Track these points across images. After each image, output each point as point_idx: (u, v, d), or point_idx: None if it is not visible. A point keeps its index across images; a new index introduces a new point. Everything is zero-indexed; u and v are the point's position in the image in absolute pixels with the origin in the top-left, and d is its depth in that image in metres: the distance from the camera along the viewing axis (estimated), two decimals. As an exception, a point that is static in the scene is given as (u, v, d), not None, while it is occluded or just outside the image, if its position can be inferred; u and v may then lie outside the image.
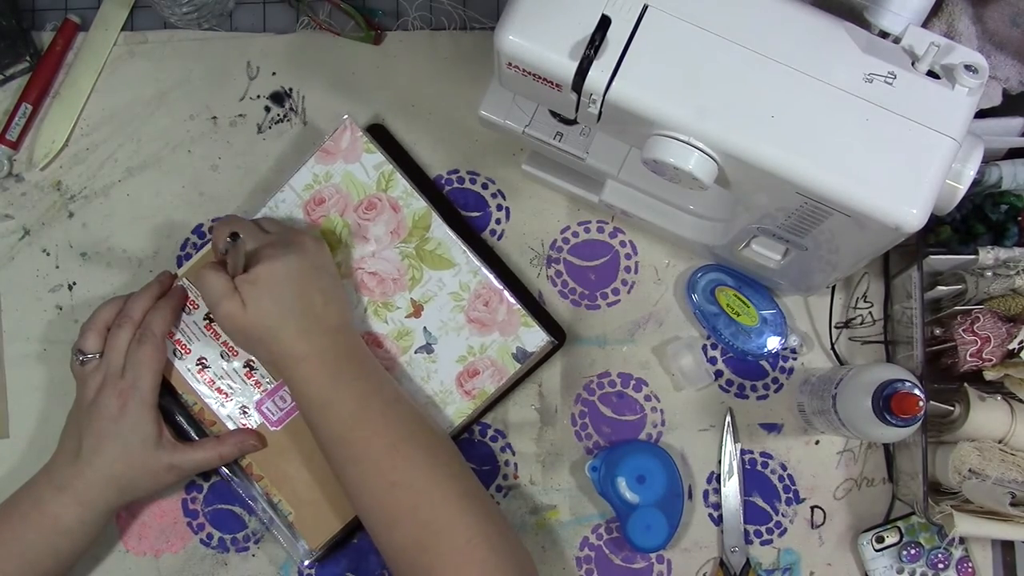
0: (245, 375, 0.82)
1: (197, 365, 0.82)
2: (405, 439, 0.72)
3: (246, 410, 0.81)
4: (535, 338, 0.81)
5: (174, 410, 0.81)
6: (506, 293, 0.82)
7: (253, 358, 0.81)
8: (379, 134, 0.88)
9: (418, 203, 0.83)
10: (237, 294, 0.72)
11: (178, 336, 0.81)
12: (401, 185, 0.83)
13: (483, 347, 0.81)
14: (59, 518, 0.74)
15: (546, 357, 0.85)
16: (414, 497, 0.70)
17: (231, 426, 0.81)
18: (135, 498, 0.78)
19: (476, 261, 0.82)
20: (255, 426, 0.81)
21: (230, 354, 0.82)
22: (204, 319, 0.82)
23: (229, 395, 0.81)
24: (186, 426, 0.81)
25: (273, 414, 0.81)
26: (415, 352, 0.82)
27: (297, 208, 0.83)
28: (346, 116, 0.83)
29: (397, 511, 0.70)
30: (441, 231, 0.82)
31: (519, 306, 0.81)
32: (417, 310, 0.82)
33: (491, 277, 0.82)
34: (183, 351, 0.81)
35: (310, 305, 0.74)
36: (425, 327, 0.82)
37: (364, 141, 0.83)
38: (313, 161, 0.83)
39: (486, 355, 0.81)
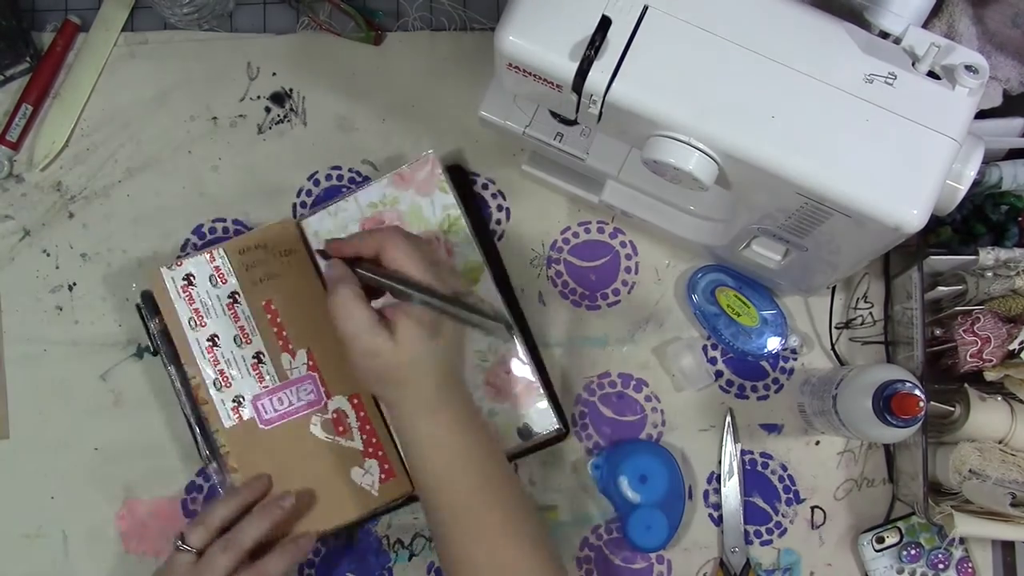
0: (252, 366, 0.81)
1: (208, 341, 0.81)
2: (517, 519, 0.70)
3: (240, 401, 0.81)
4: (545, 420, 0.81)
5: (176, 378, 0.81)
6: (531, 368, 0.81)
7: (263, 349, 0.81)
8: (456, 174, 0.86)
9: (473, 254, 0.82)
10: (384, 330, 0.67)
11: (196, 306, 0.81)
12: (463, 233, 0.83)
13: (491, 413, 0.81)
14: None
15: (543, 445, 0.83)
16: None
17: (220, 411, 0.80)
18: None
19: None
20: (246, 419, 0.81)
21: (243, 340, 0.81)
22: (228, 297, 0.81)
23: (229, 381, 0.81)
24: (184, 397, 0.80)
25: (267, 412, 0.81)
26: None
27: (354, 223, 0.83)
28: (431, 151, 0.83)
29: None
30: (487, 288, 0.82)
31: (539, 384, 0.81)
32: None
33: (521, 349, 0.81)
34: (199, 323, 0.81)
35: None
36: None
37: (441, 180, 0.83)
38: (387, 181, 0.83)
39: (491, 422, 0.80)
